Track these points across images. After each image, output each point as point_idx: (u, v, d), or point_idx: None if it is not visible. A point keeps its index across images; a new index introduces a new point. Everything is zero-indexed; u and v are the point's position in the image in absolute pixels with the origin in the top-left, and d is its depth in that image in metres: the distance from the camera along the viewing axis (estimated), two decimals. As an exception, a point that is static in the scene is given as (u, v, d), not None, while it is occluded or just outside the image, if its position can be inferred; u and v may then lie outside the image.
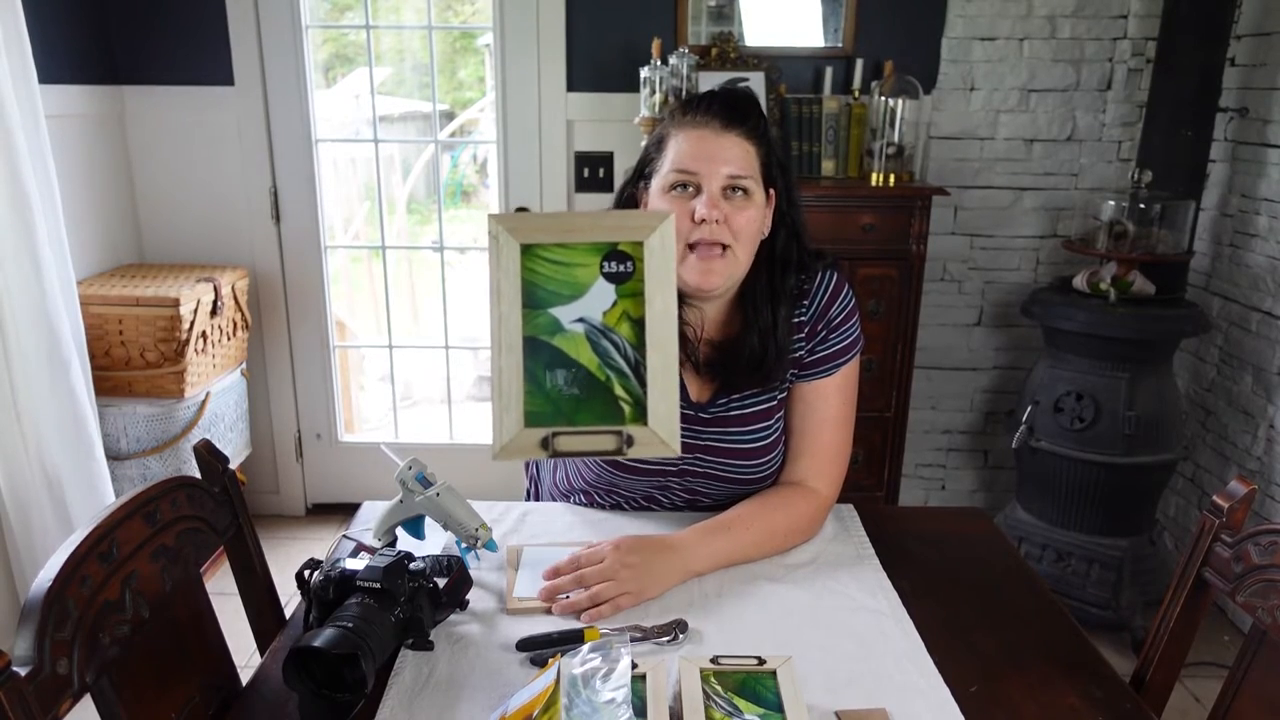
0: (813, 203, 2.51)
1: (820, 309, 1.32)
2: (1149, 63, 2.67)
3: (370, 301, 3.48)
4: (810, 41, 2.73)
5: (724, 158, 1.20)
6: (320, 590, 1.02)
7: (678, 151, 1.22)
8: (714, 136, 1.21)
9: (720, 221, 1.19)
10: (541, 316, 0.62)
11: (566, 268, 0.62)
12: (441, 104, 3.46)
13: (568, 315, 0.63)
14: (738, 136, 1.22)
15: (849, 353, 1.34)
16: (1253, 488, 1.10)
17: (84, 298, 2.32)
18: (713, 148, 1.21)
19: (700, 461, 1.33)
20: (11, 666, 0.79)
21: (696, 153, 1.21)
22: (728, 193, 1.21)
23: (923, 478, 3.12)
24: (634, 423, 0.65)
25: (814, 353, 1.33)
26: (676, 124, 1.25)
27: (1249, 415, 2.52)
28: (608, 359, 0.64)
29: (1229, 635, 2.46)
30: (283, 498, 3.13)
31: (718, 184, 1.20)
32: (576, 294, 0.63)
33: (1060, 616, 1.19)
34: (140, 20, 2.70)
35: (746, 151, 1.23)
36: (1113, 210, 2.44)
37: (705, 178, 1.20)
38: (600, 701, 0.85)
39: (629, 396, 0.64)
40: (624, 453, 0.65)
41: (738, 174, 1.21)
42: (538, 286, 0.62)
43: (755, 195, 1.23)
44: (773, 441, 1.33)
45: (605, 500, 1.41)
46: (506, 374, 0.62)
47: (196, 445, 1.20)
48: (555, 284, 0.62)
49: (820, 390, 1.33)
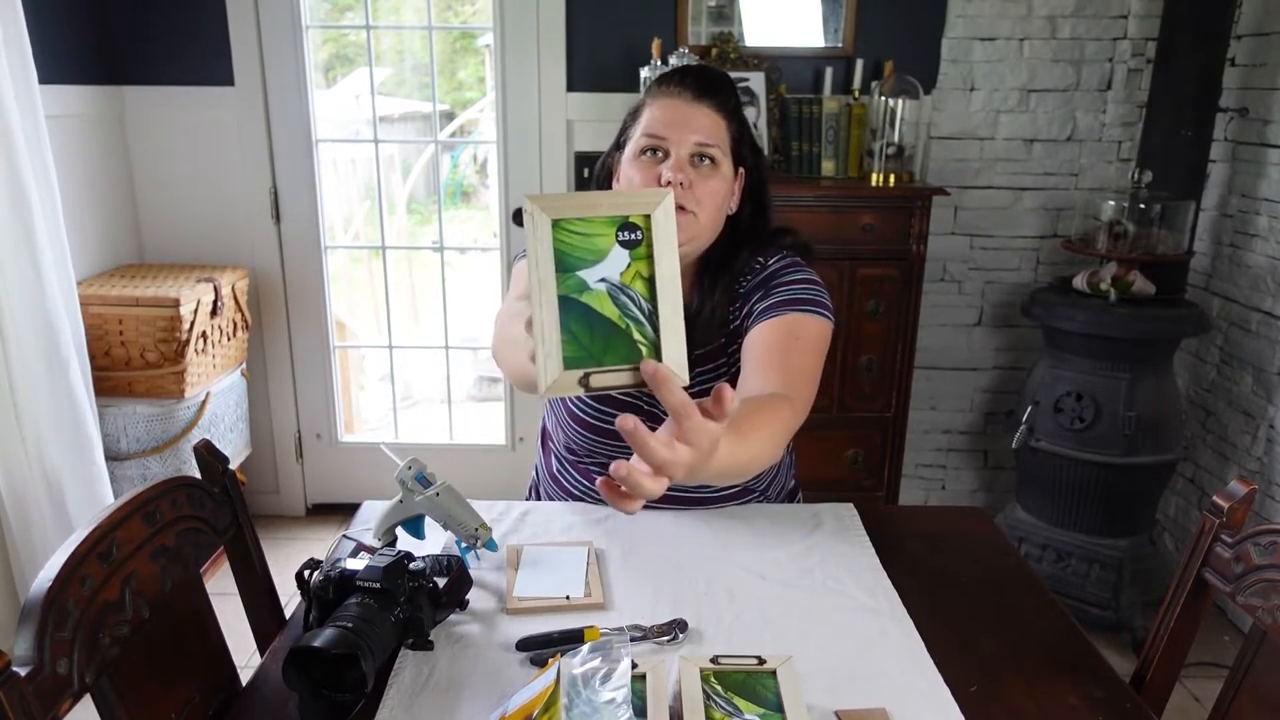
0: (813, 203, 2.51)
1: (765, 278, 1.31)
2: (1149, 63, 2.67)
3: (370, 301, 3.48)
4: (810, 41, 2.73)
5: (693, 126, 1.23)
6: (320, 590, 1.02)
7: (650, 118, 1.25)
8: (685, 105, 1.24)
9: (686, 186, 1.21)
10: (571, 279, 0.76)
11: (588, 238, 0.76)
12: (441, 104, 3.46)
13: (592, 276, 0.76)
14: (708, 108, 1.25)
15: (801, 305, 1.25)
16: (1253, 488, 1.10)
17: (84, 298, 2.32)
18: (684, 115, 1.24)
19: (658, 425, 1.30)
20: (11, 666, 0.80)
21: (668, 119, 1.24)
22: (695, 160, 1.23)
23: (923, 478, 3.12)
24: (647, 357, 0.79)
25: (754, 309, 1.28)
26: (651, 95, 1.28)
27: (1249, 415, 2.52)
28: (627, 311, 0.78)
29: (1229, 635, 2.46)
30: (283, 498, 3.13)
31: (685, 150, 1.23)
32: (598, 259, 0.77)
33: (1060, 616, 1.19)
34: (140, 20, 2.70)
35: (716, 123, 1.25)
36: (1113, 210, 2.44)
37: (674, 143, 1.23)
38: (600, 701, 0.85)
39: (645, 340, 0.77)
40: (645, 385, 0.78)
41: (705, 142, 1.23)
42: (566, 254, 0.76)
43: (722, 166, 1.25)
44: None
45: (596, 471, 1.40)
46: (547, 327, 0.75)
47: (196, 445, 1.20)
48: (580, 251, 0.76)
49: (764, 329, 1.25)
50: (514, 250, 2.92)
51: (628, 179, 1.27)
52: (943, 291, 2.91)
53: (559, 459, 1.50)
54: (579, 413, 1.38)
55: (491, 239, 3.10)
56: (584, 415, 1.38)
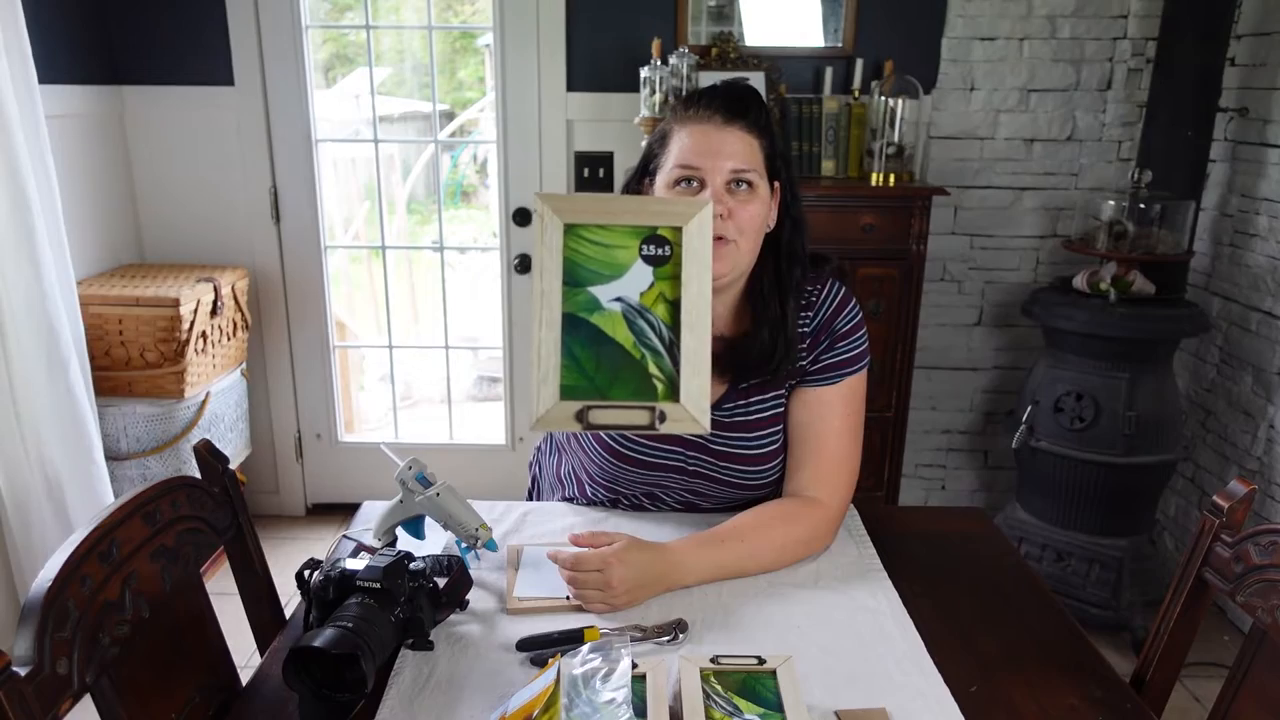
0: (813, 203, 2.51)
1: (825, 319, 1.32)
2: (1149, 63, 2.67)
3: (370, 301, 3.48)
4: (810, 41, 2.73)
5: (727, 152, 1.20)
6: (320, 590, 1.02)
7: (681, 146, 1.22)
8: (716, 131, 1.21)
9: (725, 216, 1.18)
10: (581, 294, 0.65)
11: (607, 249, 0.66)
12: (441, 104, 3.46)
13: (606, 294, 0.66)
14: (740, 130, 1.22)
15: (855, 364, 1.32)
16: (1253, 488, 1.10)
17: (84, 298, 2.32)
18: (716, 142, 1.20)
19: (703, 463, 1.32)
20: (11, 666, 0.80)
21: (700, 148, 1.20)
22: (731, 186, 1.21)
23: (923, 478, 3.12)
24: (666, 399, 0.68)
25: (818, 361, 1.31)
26: (679, 119, 1.25)
27: (1249, 415, 2.52)
28: (643, 338, 0.67)
29: (1229, 635, 2.46)
30: (283, 498, 3.13)
31: (721, 179, 1.20)
32: (615, 274, 0.66)
33: (1060, 616, 1.19)
34: (140, 20, 2.70)
35: (750, 145, 1.22)
36: (1113, 210, 2.44)
37: (709, 172, 1.20)
38: (600, 701, 0.85)
39: (662, 374, 0.67)
40: (655, 428, 0.67)
41: (741, 168, 1.20)
42: (579, 265, 0.65)
43: (759, 188, 1.23)
44: (776, 449, 1.32)
45: (604, 496, 1.41)
46: (545, 348, 0.65)
47: (196, 445, 1.20)
48: (595, 264, 0.65)
49: (823, 398, 1.31)
50: (513, 251, 2.92)
51: None
52: (943, 291, 2.91)
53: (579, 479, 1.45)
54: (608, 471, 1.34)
55: (491, 239, 3.10)
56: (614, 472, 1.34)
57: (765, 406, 1.31)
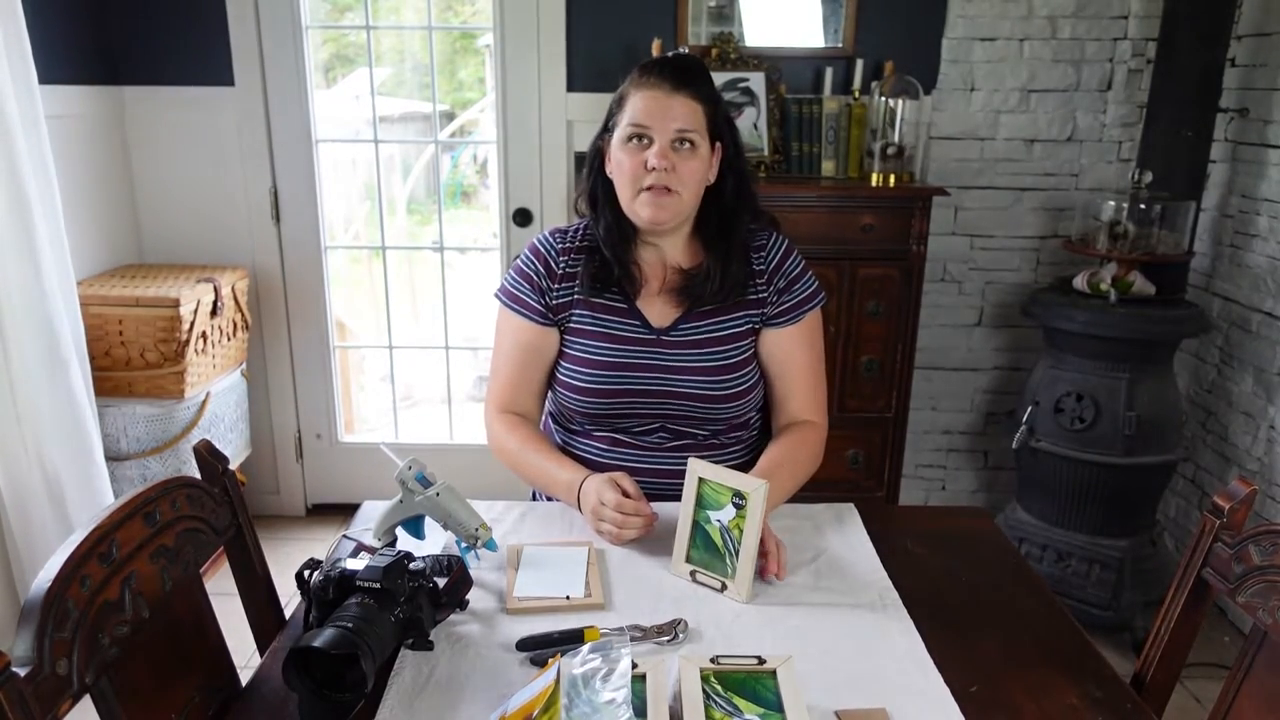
0: (813, 203, 2.51)
1: (776, 262, 1.50)
2: (1149, 63, 2.67)
3: (370, 302, 3.47)
4: (810, 42, 2.73)
5: (673, 115, 1.38)
6: (320, 590, 1.02)
7: (634, 108, 1.40)
8: (665, 96, 1.38)
9: (669, 169, 1.37)
10: (701, 513, 1.23)
11: (718, 494, 1.22)
12: (441, 104, 3.45)
13: (714, 516, 1.22)
14: (685, 97, 1.39)
15: (811, 301, 1.51)
16: (1253, 488, 1.10)
17: (84, 298, 2.32)
18: (664, 105, 1.38)
19: (661, 380, 1.45)
20: (11, 667, 0.79)
21: (650, 109, 1.38)
22: (675, 145, 1.38)
23: (923, 478, 3.12)
24: (729, 577, 1.19)
25: (779, 304, 1.49)
26: (634, 84, 1.42)
27: (1249, 416, 2.52)
28: (726, 543, 1.20)
29: (1229, 635, 2.46)
30: (283, 498, 3.13)
31: (667, 138, 1.38)
32: (720, 507, 1.21)
33: (1060, 616, 1.19)
34: (140, 20, 2.70)
35: (693, 110, 1.39)
36: (1113, 210, 2.44)
37: (657, 132, 1.38)
38: (600, 701, 0.85)
39: (730, 564, 1.19)
40: (723, 590, 1.19)
41: (685, 128, 1.38)
42: (704, 497, 1.23)
43: (700, 147, 1.40)
44: (740, 361, 1.47)
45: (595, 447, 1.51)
46: (682, 535, 1.24)
47: (196, 445, 1.20)
48: (712, 499, 1.22)
49: (792, 336, 1.50)
50: (513, 251, 2.92)
51: (618, 162, 1.42)
52: (943, 291, 2.91)
53: (565, 434, 1.57)
54: (584, 384, 1.47)
55: (491, 239, 3.10)
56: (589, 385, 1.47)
57: (721, 327, 1.47)
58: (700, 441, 1.49)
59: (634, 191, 1.39)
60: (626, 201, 1.42)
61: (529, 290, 1.49)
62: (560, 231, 1.52)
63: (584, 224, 1.52)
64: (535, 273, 1.49)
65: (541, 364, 1.51)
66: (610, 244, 1.46)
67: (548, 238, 1.52)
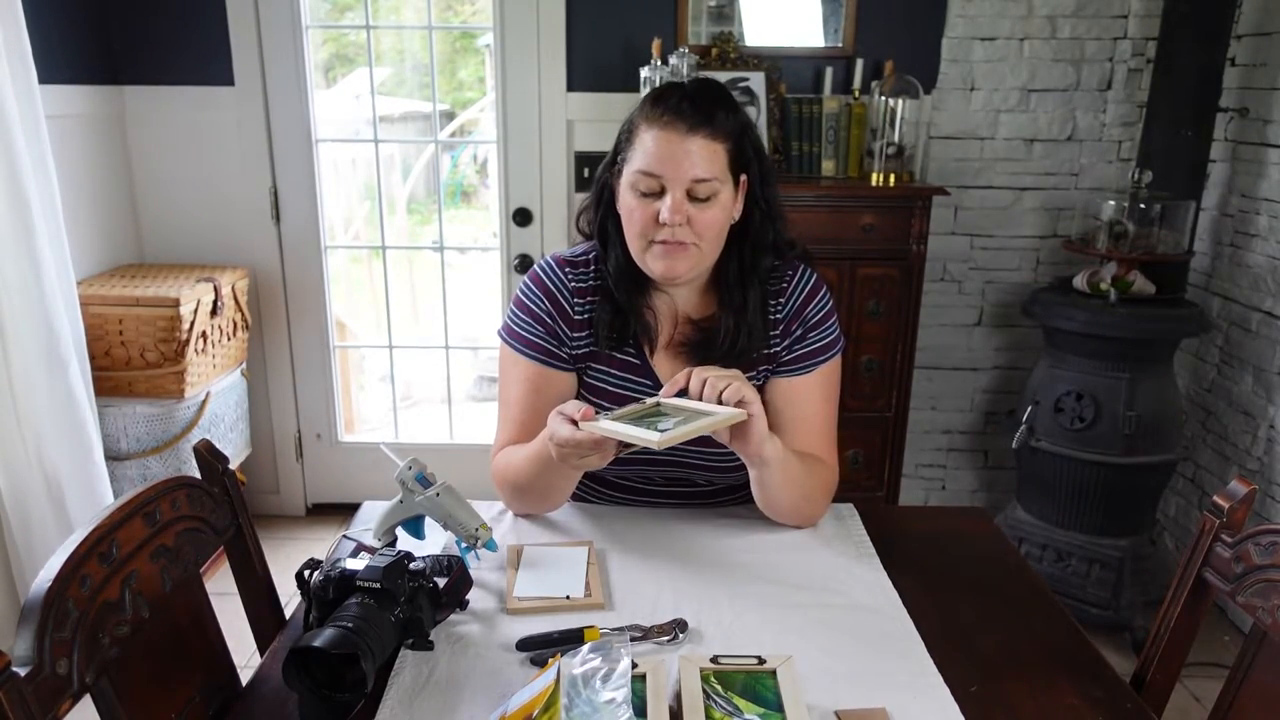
0: (813, 203, 2.51)
1: (796, 308, 1.35)
2: (1149, 63, 2.67)
3: (370, 301, 3.47)
4: (810, 41, 2.73)
5: (690, 161, 1.21)
6: (320, 590, 1.02)
7: (645, 150, 1.23)
8: (680, 139, 1.21)
9: (683, 224, 1.21)
10: None
11: None
12: (441, 104, 3.45)
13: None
14: (704, 138, 1.22)
15: (828, 352, 1.35)
16: (1253, 488, 1.10)
17: (84, 298, 2.32)
18: (678, 151, 1.21)
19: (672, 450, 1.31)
20: (11, 667, 0.79)
21: (662, 155, 1.21)
22: (692, 194, 1.22)
23: (923, 478, 3.12)
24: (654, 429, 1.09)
25: (792, 350, 1.34)
26: (647, 118, 1.25)
27: (1249, 415, 2.52)
28: None
29: (1229, 635, 2.46)
30: (283, 498, 3.13)
31: (681, 189, 1.21)
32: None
33: (1060, 616, 1.19)
34: (140, 20, 2.70)
35: (713, 152, 1.23)
36: (1113, 210, 2.44)
37: (670, 181, 1.21)
38: (600, 701, 0.85)
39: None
40: None
41: (701, 177, 1.21)
42: None
43: (721, 194, 1.24)
44: None
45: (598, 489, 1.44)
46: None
47: (196, 445, 1.20)
48: None
49: (802, 387, 1.34)
50: (513, 251, 2.92)
51: (627, 209, 1.26)
52: (943, 291, 2.91)
53: None
54: None
55: (491, 239, 3.10)
56: None
57: None
58: (702, 489, 1.42)
59: (644, 244, 1.25)
60: (637, 253, 1.27)
61: (542, 333, 1.34)
62: (569, 265, 1.35)
63: (591, 253, 1.36)
64: (547, 314, 1.34)
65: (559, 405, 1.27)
66: (622, 288, 1.31)
67: (557, 272, 1.35)
